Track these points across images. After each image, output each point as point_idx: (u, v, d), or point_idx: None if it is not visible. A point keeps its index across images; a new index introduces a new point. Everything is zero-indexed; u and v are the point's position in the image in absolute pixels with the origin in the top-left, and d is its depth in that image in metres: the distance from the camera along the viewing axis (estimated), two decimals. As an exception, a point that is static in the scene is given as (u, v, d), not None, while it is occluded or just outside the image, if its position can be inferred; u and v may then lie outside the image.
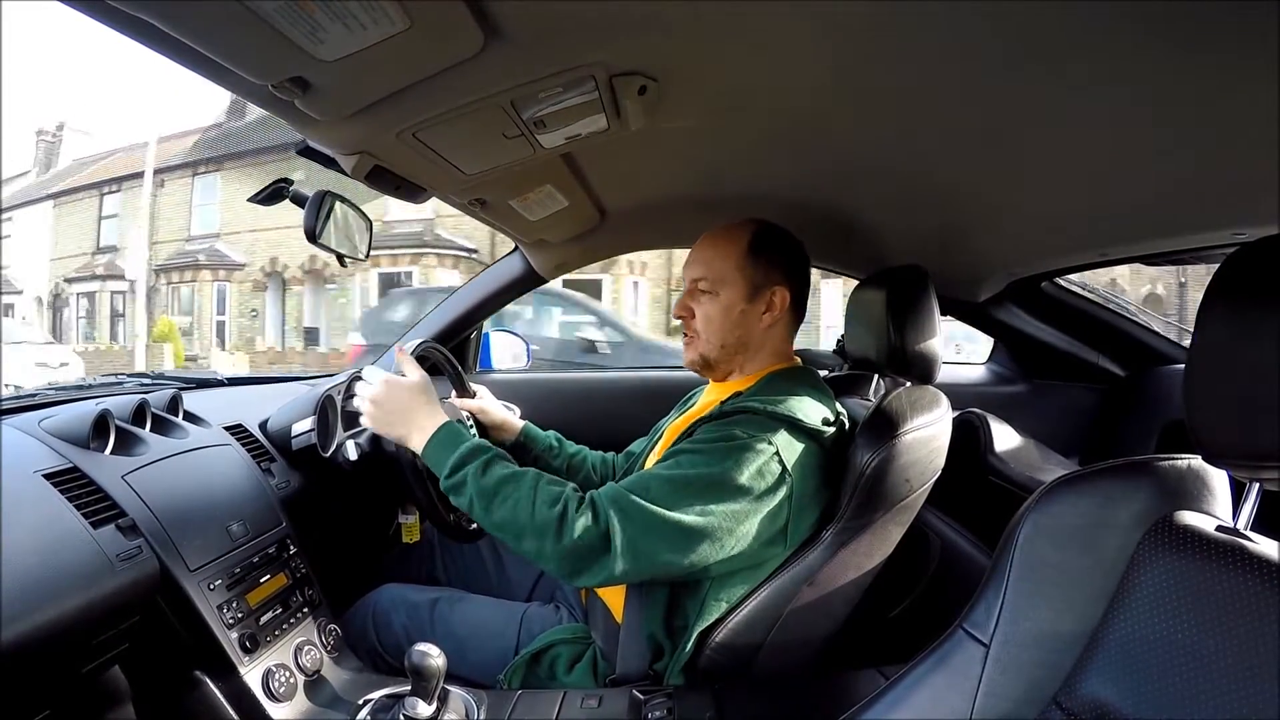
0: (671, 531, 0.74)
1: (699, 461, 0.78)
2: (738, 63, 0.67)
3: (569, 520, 0.75)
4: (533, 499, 0.76)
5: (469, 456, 0.81)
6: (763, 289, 0.90)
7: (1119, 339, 1.50)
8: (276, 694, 0.80)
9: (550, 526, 0.74)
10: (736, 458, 0.77)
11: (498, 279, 1.51)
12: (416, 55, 0.58)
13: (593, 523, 0.74)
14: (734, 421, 0.81)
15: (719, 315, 0.91)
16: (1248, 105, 0.57)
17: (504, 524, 0.77)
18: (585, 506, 0.76)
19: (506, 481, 0.78)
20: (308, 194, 0.91)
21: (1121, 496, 0.50)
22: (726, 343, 0.91)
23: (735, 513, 0.76)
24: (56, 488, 0.73)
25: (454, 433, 0.84)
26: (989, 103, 0.68)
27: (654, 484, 0.77)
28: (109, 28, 0.51)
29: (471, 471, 0.79)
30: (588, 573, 0.75)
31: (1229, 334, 0.44)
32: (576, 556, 0.74)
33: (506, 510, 0.76)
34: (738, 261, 0.90)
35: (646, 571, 0.76)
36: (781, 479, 0.78)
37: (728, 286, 0.90)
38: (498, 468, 0.80)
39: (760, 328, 0.91)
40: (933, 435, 0.88)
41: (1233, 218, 0.84)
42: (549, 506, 0.76)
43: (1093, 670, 0.46)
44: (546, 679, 0.88)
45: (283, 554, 0.95)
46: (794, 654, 0.88)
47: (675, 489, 0.76)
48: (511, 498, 0.77)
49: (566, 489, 0.78)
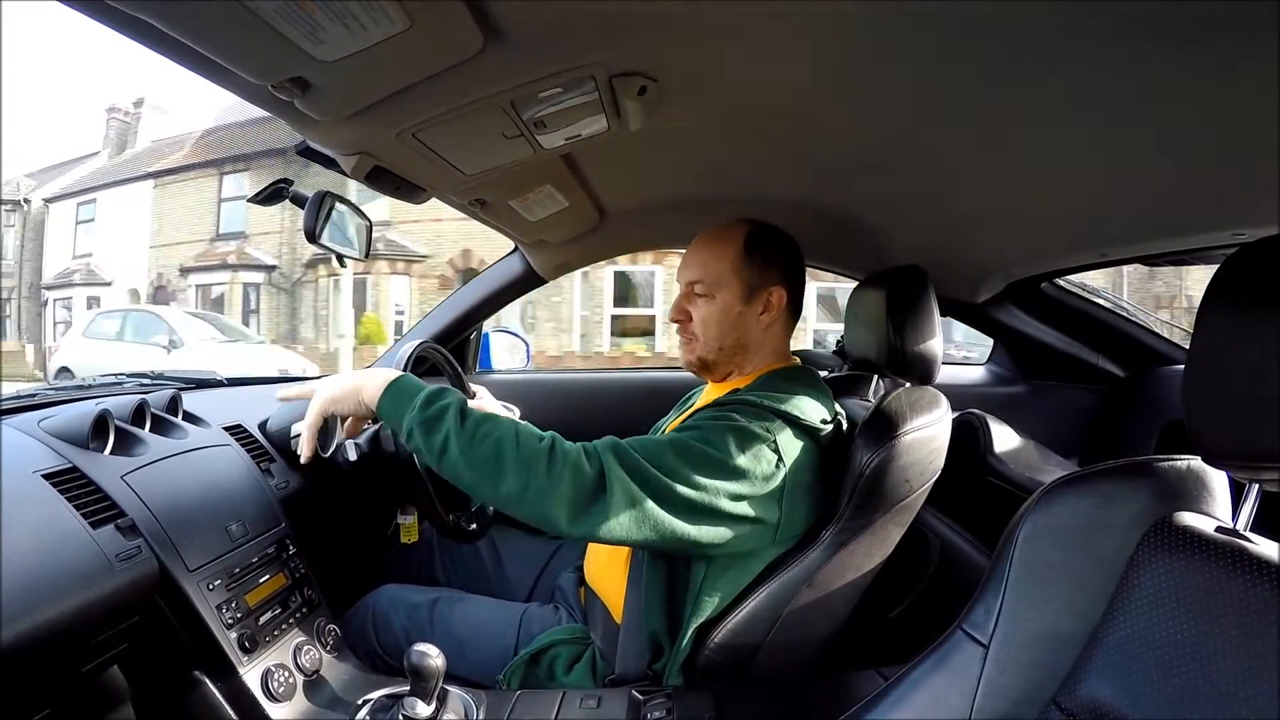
0: (662, 499, 0.72)
1: (696, 437, 0.78)
2: (738, 63, 0.67)
3: (558, 454, 0.70)
4: (515, 435, 0.71)
5: (440, 395, 0.75)
6: (759, 290, 0.90)
7: (1119, 339, 1.50)
8: (276, 694, 0.80)
9: (539, 462, 0.69)
10: (734, 439, 0.77)
11: (498, 279, 1.51)
12: (416, 55, 0.58)
13: (586, 461, 0.70)
14: (733, 409, 0.81)
15: (716, 318, 0.90)
16: (1248, 105, 0.57)
17: (485, 462, 0.70)
18: (577, 448, 0.72)
19: (486, 420, 0.73)
20: (307, 194, 0.91)
21: (1121, 497, 0.50)
22: (725, 344, 0.91)
23: (729, 491, 0.75)
24: (56, 488, 0.73)
25: (414, 380, 0.79)
26: (989, 103, 0.68)
27: (651, 450, 0.75)
28: (109, 28, 0.51)
29: (450, 409, 0.73)
30: (584, 517, 0.70)
31: (1229, 334, 0.44)
32: (571, 497, 0.69)
33: (488, 447, 0.70)
34: (733, 263, 0.90)
35: (637, 529, 0.71)
36: (776, 468, 0.78)
37: (724, 289, 0.90)
38: (473, 409, 0.74)
39: (758, 328, 0.91)
40: (932, 436, 0.88)
41: (1233, 218, 0.84)
42: (535, 441, 0.71)
43: (1092, 671, 0.46)
44: (546, 679, 0.88)
45: (282, 554, 0.95)
46: (793, 654, 0.88)
47: (672, 456, 0.75)
48: (492, 435, 0.71)
49: (550, 431, 0.74)
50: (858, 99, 0.74)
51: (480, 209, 1.07)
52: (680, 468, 0.74)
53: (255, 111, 0.84)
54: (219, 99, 13.97)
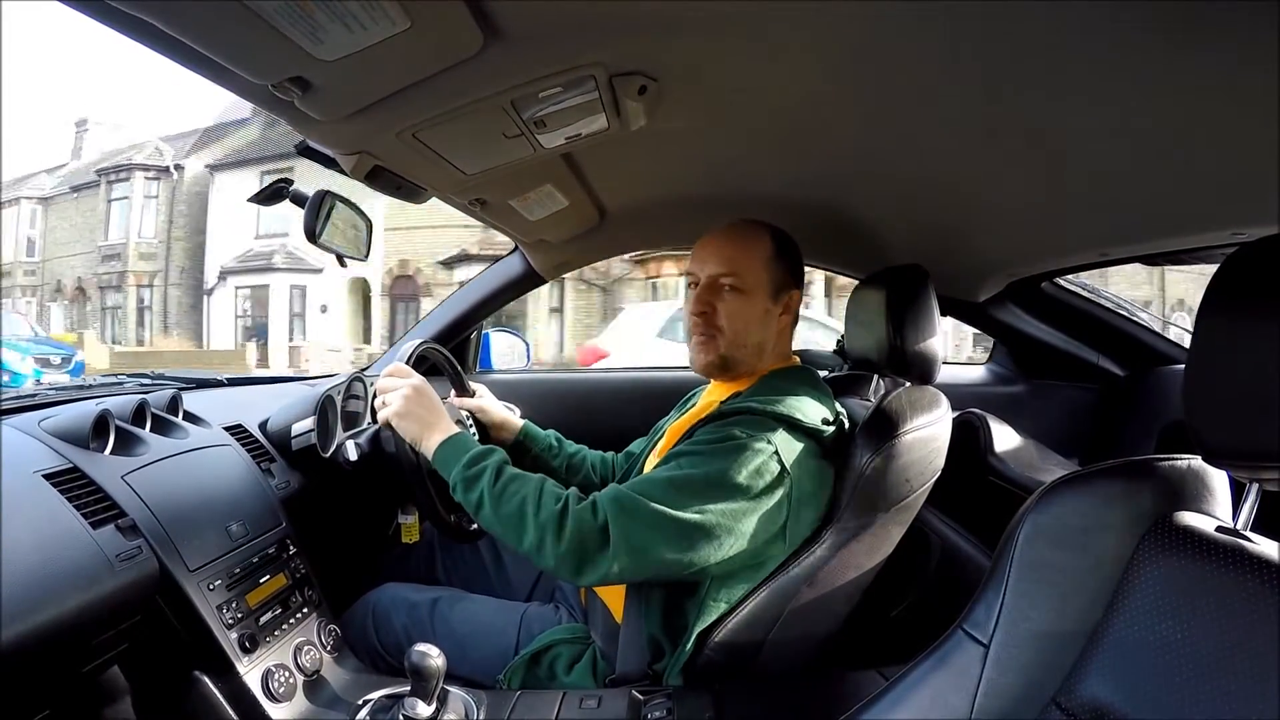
0: (670, 529, 0.74)
1: (698, 461, 0.78)
2: (738, 63, 0.67)
3: (569, 515, 0.75)
4: (538, 496, 0.78)
5: (483, 455, 0.83)
6: (782, 291, 0.91)
7: (1119, 339, 1.50)
8: (276, 694, 0.80)
9: (551, 523, 0.75)
10: (735, 457, 0.77)
11: (498, 279, 1.51)
12: (416, 55, 0.58)
13: (591, 518, 0.75)
14: (733, 422, 0.81)
15: (747, 314, 0.89)
16: (1248, 105, 0.57)
17: (509, 519, 0.78)
18: (586, 504, 0.77)
19: (515, 479, 0.80)
20: (307, 194, 0.91)
21: (1121, 497, 0.50)
22: (750, 342, 0.90)
23: (734, 511, 0.76)
24: (56, 488, 0.73)
25: (469, 438, 0.87)
26: (989, 103, 0.68)
27: (653, 484, 0.78)
28: (109, 28, 0.51)
29: (488, 469, 0.81)
30: (587, 570, 0.75)
31: (1229, 334, 0.44)
32: (576, 553, 0.75)
33: (513, 506, 0.78)
34: (766, 262, 0.90)
35: (646, 570, 0.76)
36: (780, 478, 0.78)
37: (756, 285, 0.89)
38: (509, 469, 0.82)
39: (775, 329, 0.92)
40: (933, 435, 0.88)
41: (1233, 218, 0.84)
42: (553, 503, 0.77)
43: (1092, 670, 0.46)
44: (546, 679, 0.88)
45: (282, 554, 0.95)
46: (794, 654, 0.88)
47: (674, 488, 0.76)
48: (519, 495, 0.78)
49: (570, 490, 0.80)
50: (858, 99, 0.74)
51: (480, 209, 1.07)
52: (686, 500, 0.75)
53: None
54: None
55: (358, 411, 1.22)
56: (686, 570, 0.77)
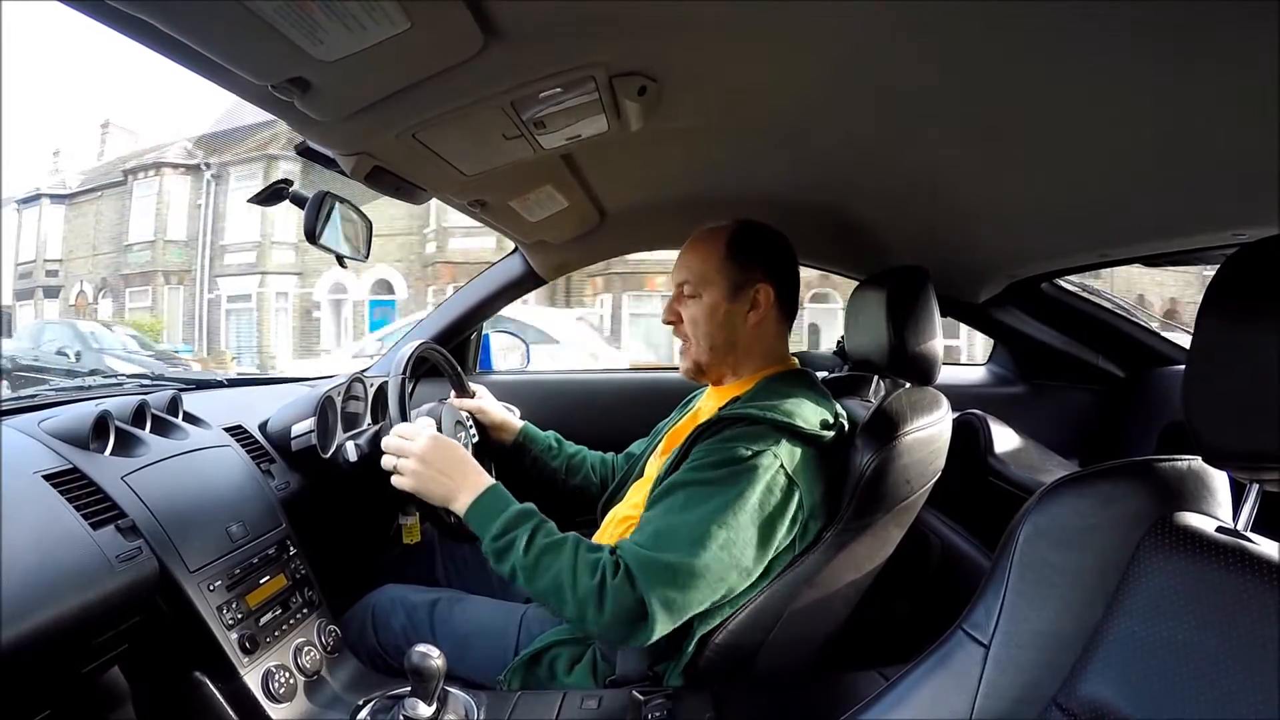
0: (703, 578, 0.75)
1: (711, 493, 0.78)
2: (738, 63, 0.68)
3: (607, 592, 0.74)
4: (574, 569, 0.76)
5: (514, 523, 0.80)
6: (744, 288, 0.91)
7: (1118, 340, 1.50)
8: (276, 695, 0.80)
9: (590, 599, 0.74)
10: (746, 480, 0.77)
11: (498, 280, 1.51)
12: (416, 55, 0.58)
13: (629, 589, 0.74)
14: (735, 436, 0.80)
15: (704, 317, 0.91)
16: (1248, 105, 0.57)
17: (545, 594, 0.77)
18: (621, 575, 0.75)
19: (548, 551, 0.77)
20: (306, 194, 0.91)
21: (1121, 497, 0.50)
22: (715, 344, 0.92)
23: (754, 538, 0.77)
24: (56, 489, 0.73)
25: (499, 496, 0.83)
26: (989, 103, 0.68)
27: (675, 535, 0.76)
28: (109, 28, 0.51)
29: (519, 539, 0.78)
30: (633, 638, 0.75)
31: (1229, 335, 0.44)
32: (618, 626, 0.75)
33: (548, 580, 0.76)
34: (717, 262, 0.91)
35: (686, 615, 0.77)
36: (790, 490, 0.79)
37: (709, 287, 0.91)
38: (540, 537, 0.79)
39: (748, 327, 0.92)
40: (933, 436, 0.88)
41: (1233, 218, 0.84)
42: (589, 578, 0.75)
43: (1092, 671, 0.46)
44: (546, 680, 0.88)
45: (282, 555, 0.95)
46: (794, 654, 0.88)
47: (696, 533, 0.76)
48: (553, 568, 0.76)
49: (604, 555, 0.77)
50: (858, 99, 0.74)
51: (480, 209, 1.07)
52: (709, 541, 0.75)
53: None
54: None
55: (358, 412, 1.22)
56: (722, 601, 0.79)
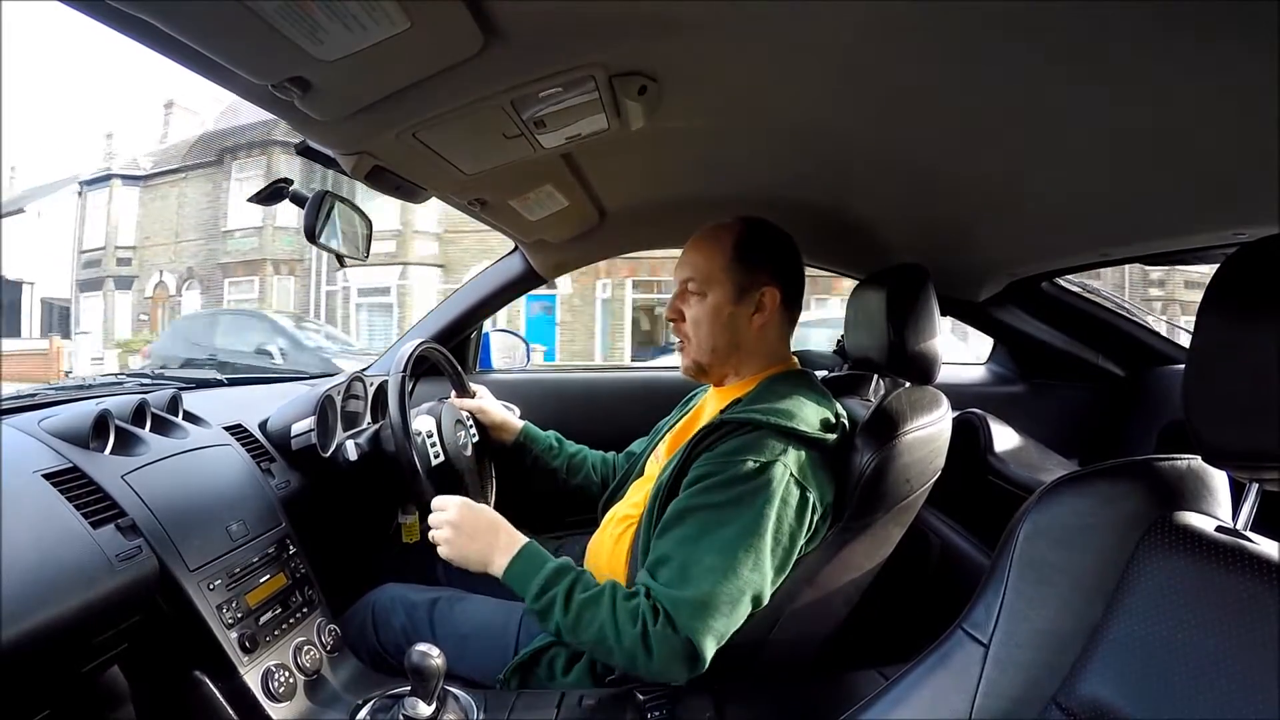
0: (739, 602, 0.76)
1: (728, 517, 0.77)
2: (738, 63, 0.67)
3: (651, 639, 0.74)
4: (615, 621, 0.76)
5: (551, 581, 0.80)
6: (750, 290, 0.90)
7: (1118, 339, 1.50)
8: (276, 694, 0.80)
9: (637, 647, 0.75)
10: (762, 498, 0.77)
11: (498, 279, 1.51)
12: (416, 55, 0.58)
13: (672, 633, 0.74)
14: (739, 448, 0.80)
15: (708, 317, 0.91)
16: (1248, 105, 0.57)
17: (592, 647, 0.78)
18: (662, 621, 0.75)
19: (587, 606, 0.78)
20: (306, 194, 0.91)
21: (1121, 497, 0.50)
22: (717, 346, 0.91)
23: (777, 551, 0.78)
24: (56, 488, 0.73)
25: (534, 554, 0.84)
26: (989, 102, 0.68)
27: (702, 568, 0.76)
28: (109, 28, 0.51)
29: (558, 597, 0.79)
30: (687, 674, 0.76)
31: (1228, 334, 0.44)
32: (671, 668, 0.75)
33: (593, 633, 0.77)
34: (724, 263, 0.90)
35: (729, 635, 0.77)
36: (805, 497, 0.79)
37: (715, 288, 0.90)
38: (578, 592, 0.79)
39: (752, 329, 0.91)
40: (933, 435, 0.88)
41: (1233, 218, 0.84)
42: (631, 626, 0.76)
43: (1092, 670, 0.46)
44: (546, 679, 0.88)
45: (282, 554, 0.95)
46: (794, 654, 0.88)
47: (724, 563, 0.76)
48: (595, 623, 0.77)
49: (641, 602, 0.77)
50: (858, 98, 0.74)
51: (480, 208, 1.07)
52: (738, 566, 0.75)
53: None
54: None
55: (358, 411, 1.22)
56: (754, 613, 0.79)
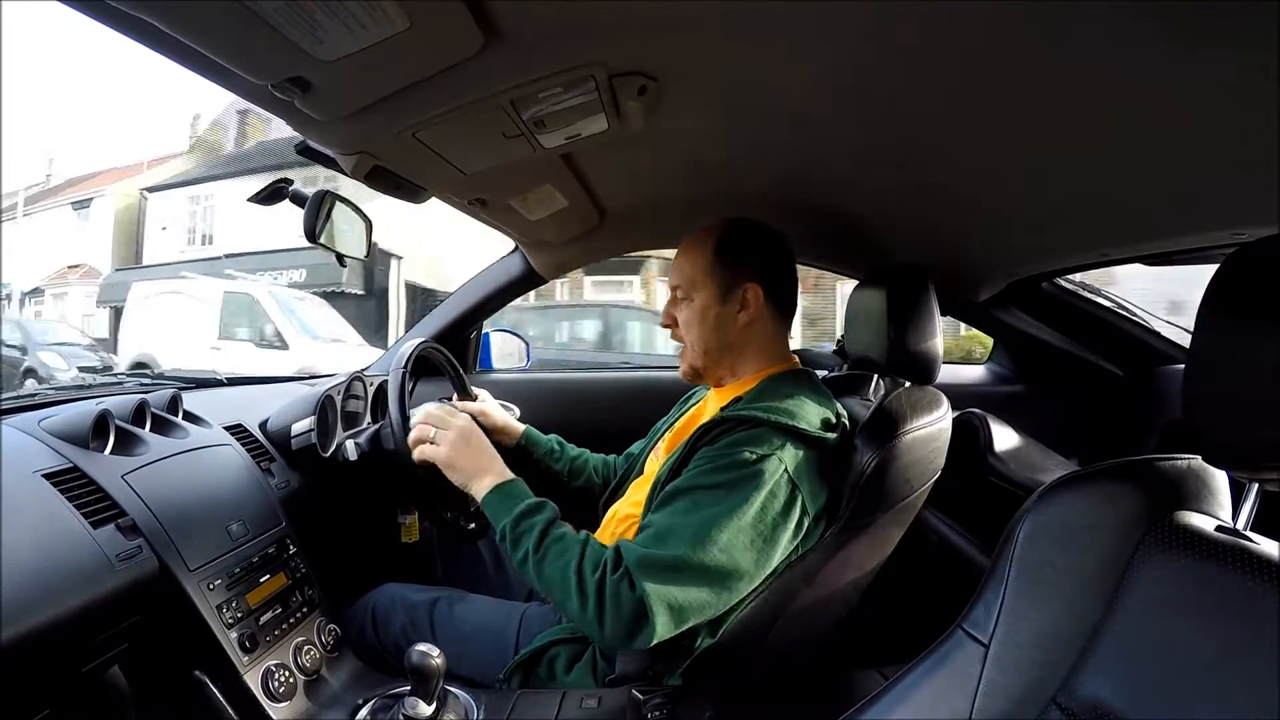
0: (704, 581, 0.75)
1: (715, 498, 0.77)
2: (738, 63, 0.67)
3: (607, 591, 0.74)
4: (579, 564, 0.76)
5: (533, 510, 0.81)
6: (733, 289, 0.90)
7: (1119, 339, 1.50)
8: (276, 694, 0.80)
9: (591, 595, 0.75)
10: (751, 486, 0.77)
11: (497, 279, 1.51)
12: (416, 55, 0.59)
13: (629, 591, 0.74)
14: (738, 441, 0.80)
15: (696, 320, 0.91)
16: (1248, 105, 0.57)
17: (551, 585, 0.78)
18: (621, 574, 0.75)
19: (557, 542, 0.79)
20: (307, 194, 0.91)
21: (1121, 496, 0.50)
22: (709, 347, 0.92)
23: (755, 541, 0.77)
24: (56, 487, 0.73)
25: (523, 487, 0.85)
26: (989, 103, 0.68)
27: (676, 536, 0.76)
28: (109, 28, 0.51)
29: (534, 527, 0.80)
30: (636, 640, 0.75)
31: (1228, 334, 0.44)
32: (620, 628, 0.75)
33: (556, 570, 0.77)
34: (705, 265, 0.90)
35: (688, 620, 0.76)
36: (794, 496, 0.79)
37: (699, 291, 0.91)
38: (555, 529, 0.80)
39: (737, 328, 0.91)
40: (933, 435, 0.88)
41: (1233, 218, 0.84)
42: (592, 571, 0.76)
43: (1092, 670, 0.46)
44: (546, 679, 0.88)
45: (282, 554, 0.95)
46: (793, 654, 0.88)
47: (696, 535, 0.75)
48: (560, 560, 0.77)
49: (608, 551, 0.77)
50: (858, 99, 0.73)
51: (480, 208, 1.07)
52: (711, 545, 0.75)
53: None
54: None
55: (358, 411, 1.22)
56: (725, 608, 0.78)
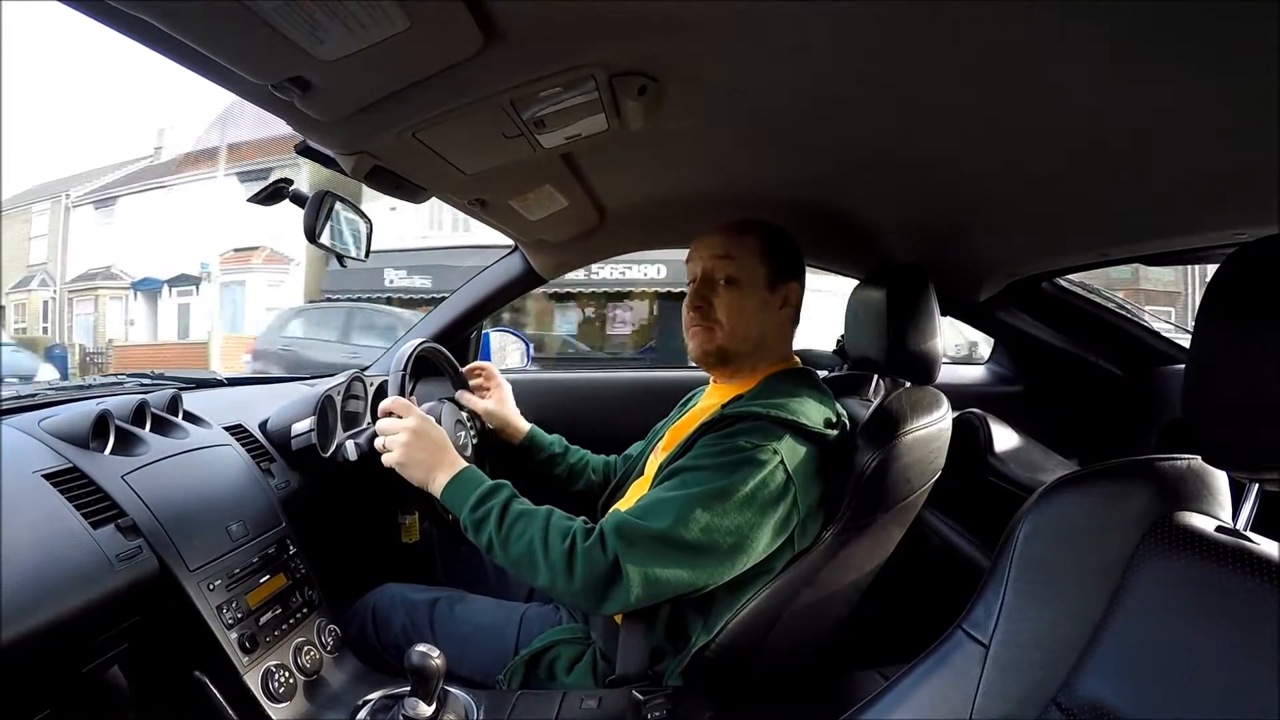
0: (678, 552, 0.75)
1: (702, 478, 0.78)
2: (738, 63, 0.67)
3: (578, 553, 0.75)
4: (545, 535, 0.77)
5: (489, 494, 0.82)
6: (778, 284, 0.92)
7: (1119, 339, 1.50)
8: (276, 694, 0.80)
9: (561, 562, 0.75)
10: (742, 471, 0.77)
11: (497, 279, 1.51)
12: (416, 55, 0.58)
13: (601, 553, 0.74)
14: (737, 430, 0.80)
15: (740, 304, 0.90)
16: (1248, 105, 0.57)
17: (519, 561, 0.78)
18: (594, 538, 0.76)
19: (521, 517, 0.79)
20: (307, 194, 0.91)
21: (1121, 497, 0.50)
22: (749, 335, 0.91)
23: (740, 527, 0.76)
24: (56, 488, 0.73)
25: (475, 474, 0.86)
26: (989, 102, 0.68)
27: (658, 506, 0.77)
28: (109, 28, 0.51)
29: (494, 510, 0.80)
30: (607, 603, 0.75)
31: (1229, 334, 0.44)
32: (591, 589, 0.75)
33: (521, 547, 0.77)
34: (760, 253, 0.91)
35: (663, 593, 0.76)
36: (787, 487, 0.79)
37: (752, 276, 0.91)
38: (515, 504, 0.81)
39: (775, 324, 0.93)
40: (933, 435, 0.88)
41: (1233, 218, 0.84)
42: (560, 541, 0.76)
43: (1092, 670, 0.46)
44: (546, 679, 0.88)
45: (282, 554, 0.95)
46: (794, 654, 0.88)
47: (679, 508, 0.75)
48: (525, 535, 0.77)
49: (576, 523, 0.78)
50: (858, 99, 0.73)
51: (480, 209, 1.07)
52: (692, 520, 0.75)
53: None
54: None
55: (358, 411, 1.22)
56: (701, 589, 0.78)
